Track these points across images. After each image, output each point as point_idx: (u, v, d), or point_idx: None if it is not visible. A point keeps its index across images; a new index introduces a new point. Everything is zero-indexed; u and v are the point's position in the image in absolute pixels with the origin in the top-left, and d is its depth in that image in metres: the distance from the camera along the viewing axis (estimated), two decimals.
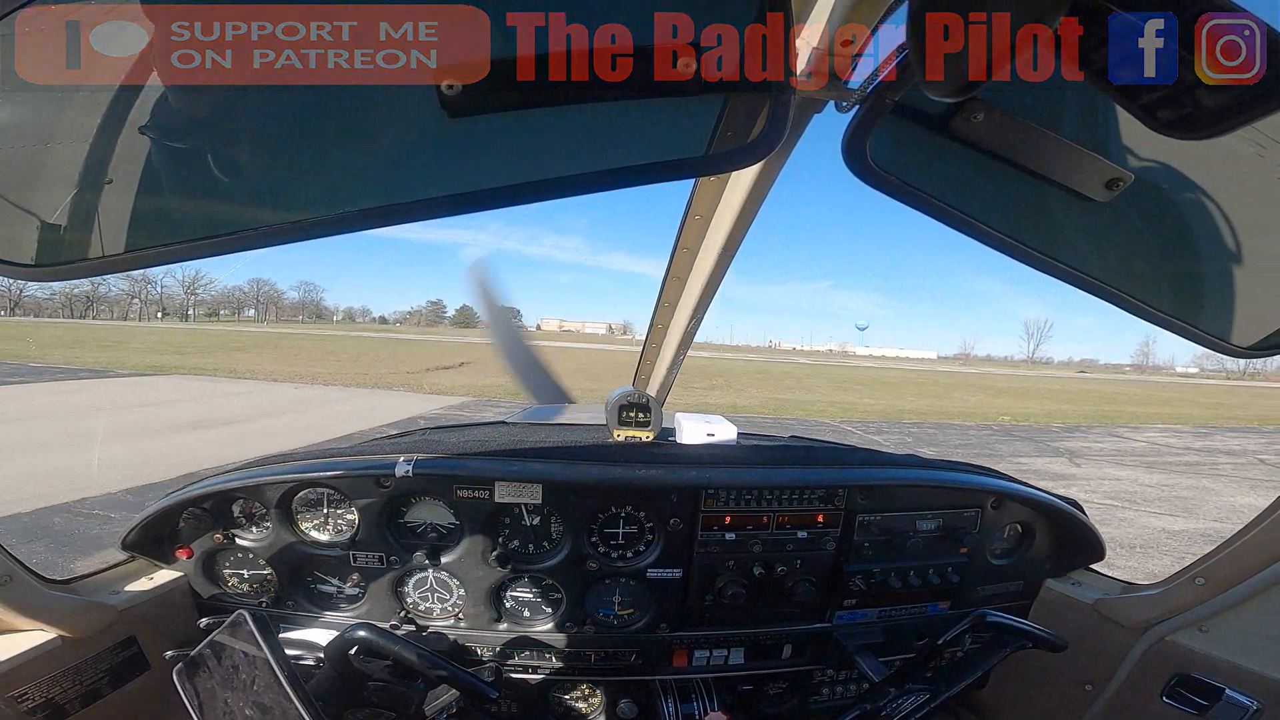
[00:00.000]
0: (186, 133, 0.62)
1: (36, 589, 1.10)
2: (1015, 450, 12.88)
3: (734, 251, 1.22)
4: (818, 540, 1.49)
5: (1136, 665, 1.45)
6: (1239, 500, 9.05)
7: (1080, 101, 0.68)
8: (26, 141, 0.60)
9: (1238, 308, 0.80)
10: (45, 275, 0.65)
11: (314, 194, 0.67)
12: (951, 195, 0.75)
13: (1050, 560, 1.67)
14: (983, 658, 1.42)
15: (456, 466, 1.39)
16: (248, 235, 0.65)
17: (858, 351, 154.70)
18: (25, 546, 4.50)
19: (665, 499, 1.44)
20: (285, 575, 1.48)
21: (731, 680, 1.63)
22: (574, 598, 1.50)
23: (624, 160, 0.67)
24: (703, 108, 0.64)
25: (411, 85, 0.60)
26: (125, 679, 1.28)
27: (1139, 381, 67.76)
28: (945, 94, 0.49)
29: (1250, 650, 1.28)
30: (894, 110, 0.68)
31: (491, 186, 0.66)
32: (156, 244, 0.65)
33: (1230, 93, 0.46)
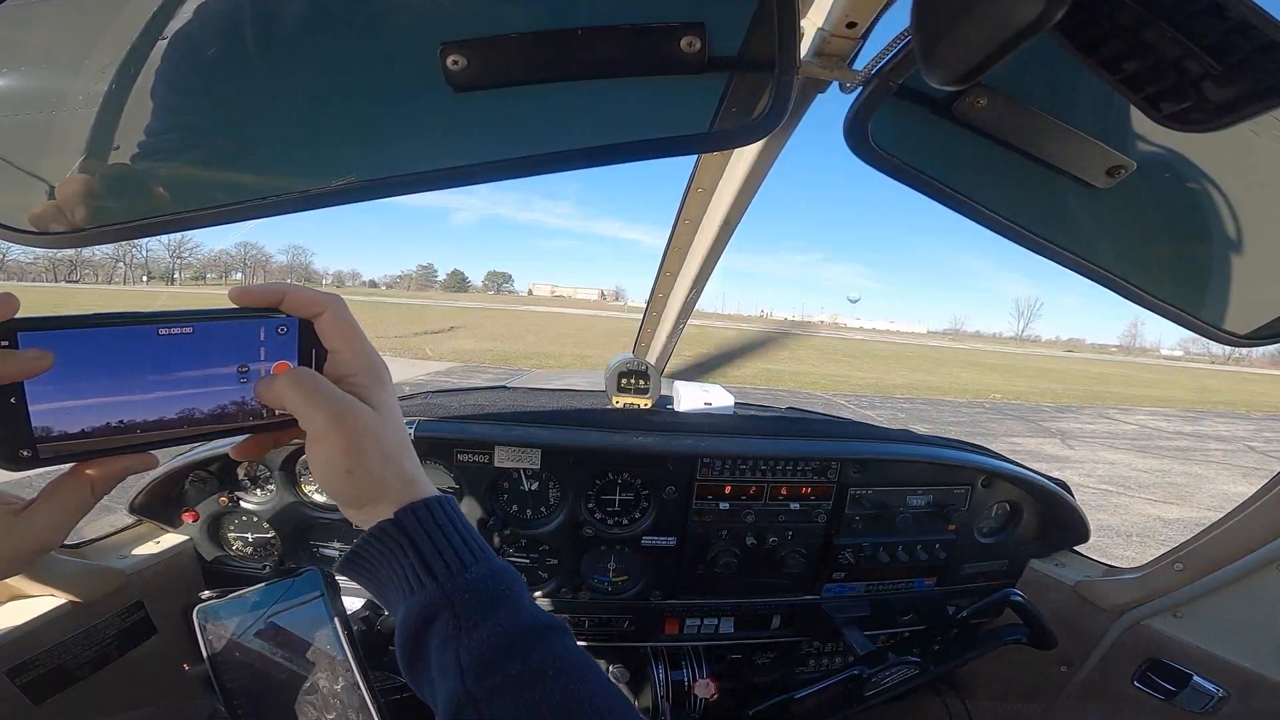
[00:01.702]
0: (192, 102, 0.62)
1: (46, 554, 1.12)
2: (1009, 429, 13.00)
3: (735, 225, 1.22)
4: (809, 512, 1.52)
5: (1111, 648, 1.48)
6: (1233, 489, 9.10)
7: (1084, 89, 0.68)
8: (33, 109, 0.60)
9: (1234, 296, 0.81)
10: (50, 242, 0.65)
11: (318, 165, 0.68)
12: (952, 178, 0.75)
13: (1036, 541, 1.69)
14: (979, 643, 1.48)
15: (458, 430, 1.41)
16: (252, 205, 0.66)
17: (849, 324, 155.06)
18: None
19: (662, 467, 1.47)
20: (288, 538, 1.50)
21: (721, 649, 1.67)
22: (569, 563, 1.53)
23: (627, 135, 0.67)
24: (706, 85, 0.64)
25: (416, 60, 0.60)
26: (133, 643, 1.30)
27: (1126, 363, 68.27)
28: (947, 81, 0.49)
29: (1223, 638, 1.31)
30: (897, 93, 0.69)
31: (495, 160, 0.67)
32: (161, 213, 0.66)
33: (1235, 87, 0.47)
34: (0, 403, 0.43)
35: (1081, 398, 21.83)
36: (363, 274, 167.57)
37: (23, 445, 0.45)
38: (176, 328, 0.48)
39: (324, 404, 0.51)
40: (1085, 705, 1.60)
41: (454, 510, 0.57)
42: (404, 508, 0.53)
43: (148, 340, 0.47)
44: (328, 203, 0.63)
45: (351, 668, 0.83)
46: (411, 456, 0.57)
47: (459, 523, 0.56)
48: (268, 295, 0.53)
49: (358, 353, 0.56)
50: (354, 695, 0.83)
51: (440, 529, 0.54)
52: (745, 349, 27.57)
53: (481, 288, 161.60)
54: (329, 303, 0.55)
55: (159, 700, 1.37)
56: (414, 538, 0.53)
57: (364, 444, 0.52)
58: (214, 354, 0.51)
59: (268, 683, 0.85)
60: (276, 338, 0.53)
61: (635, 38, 0.59)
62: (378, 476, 0.53)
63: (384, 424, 0.54)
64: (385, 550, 0.53)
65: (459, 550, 0.53)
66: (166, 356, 0.48)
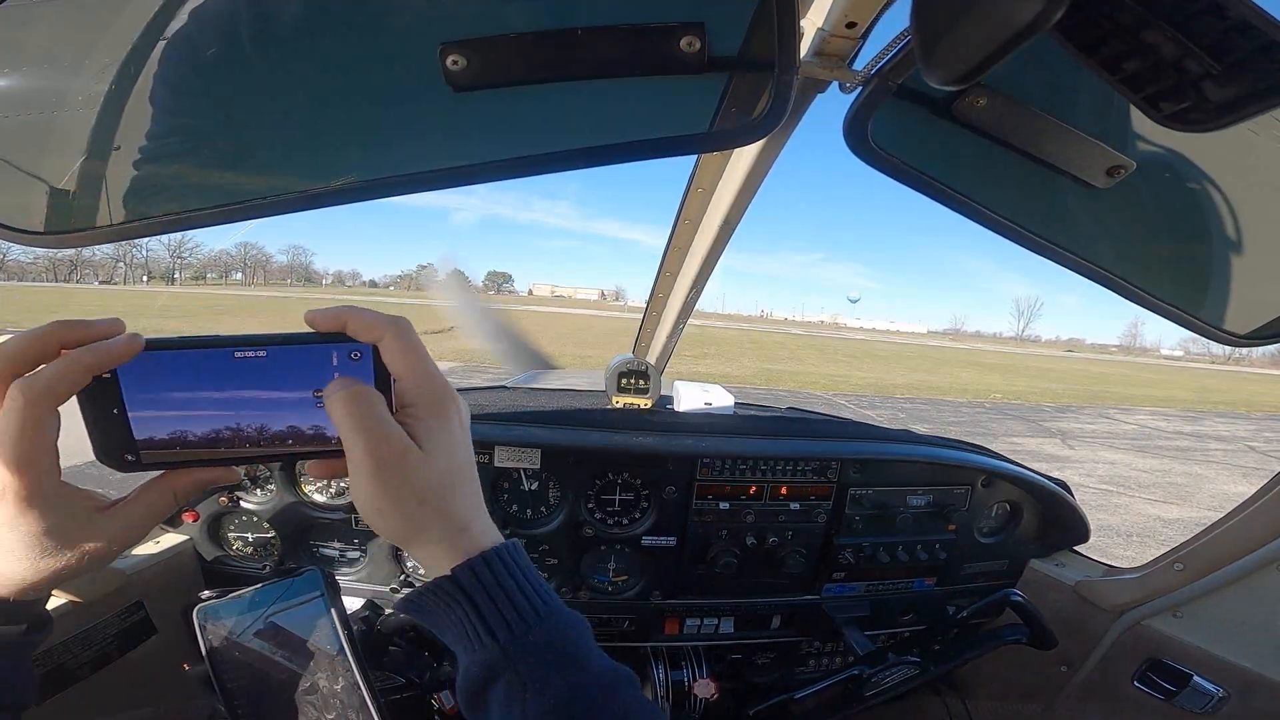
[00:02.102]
0: (192, 102, 0.62)
1: None
2: (1009, 429, 13.00)
3: (735, 225, 1.22)
4: (809, 512, 1.52)
5: (1111, 648, 1.48)
6: (1233, 489, 9.10)
7: (1084, 89, 0.68)
8: (33, 109, 0.60)
9: (1234, 295, 0.81)
10: (50, 242, 0.66)
11: (318, 165, 0.68)
12: (952, 178, 0.75)
13: (1036, 541, 1.69)
14: (979, 643, 1.48)
15: None
16: (253, 204, 0.66)
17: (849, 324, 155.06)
18: None
19: (662, 467, 1.46)
20: (288, 538, 1.50)
21: (721, 649, 1.67)
22: (569, 564, 1.53)
23: (627, 135, 0.67)
24: (706, 85, 0.64)
25: (416, 60, 0.60)
26: (133, 643, 1.30)
27: (1126, 363, 68.27)
28: (947, 81, 0.49)
29: (1223, 638, 1.31)
30: (897, 93, 0.69)
31: (495, 160, 0.67)
32: (162, 213, 0.66)
33: (1235, 87, 0.47)
34: (105, 412, 0.48)
35: (1081, 398, 21.84)
36: (363, 274, 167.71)
37: (127, 450, 0.50)
38: (251, 351, 0.50)
39: (362, 430, 0.49)
40: (1085, 705, 1.60)
41: (515, 560, 0.53)
42: (462, 565, 0.51)
43: (225, 363, 0.50)
44: (328, 203, 0.63)
45: (351, 667, 0.83)
46: (466, 498, 0.54)
47: (520, 575, 0.53)
48: (333, 320, 0.52)
49: (419, 380, 0.53)
50: (354, 695, 0.83)
51: (501, 585, 0.51)
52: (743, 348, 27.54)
53: (482, 288, 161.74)
54: (389, 326, 0.52)
55: (159, 700, 1.37)
56: (473, 596, 0.50)
57: (396, 483, 0.49)
58: (288, 378, 0.52)
59: (267, 682, 0.86)
60: (350, 363, 0.52)
61: (635, 38, 0.59)
62: (413, 520, 0.50)
63: (428, 463, 0.51)
64: (442, 604, 0.51)
65: (521, 609, 0.51)
66: (244, 378, 0.51)
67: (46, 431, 0.44)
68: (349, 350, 0.52)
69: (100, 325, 0.47)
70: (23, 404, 0.42)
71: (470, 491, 0.55)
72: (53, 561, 0.46)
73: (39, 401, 0.43)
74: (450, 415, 0.54)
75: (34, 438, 0.43)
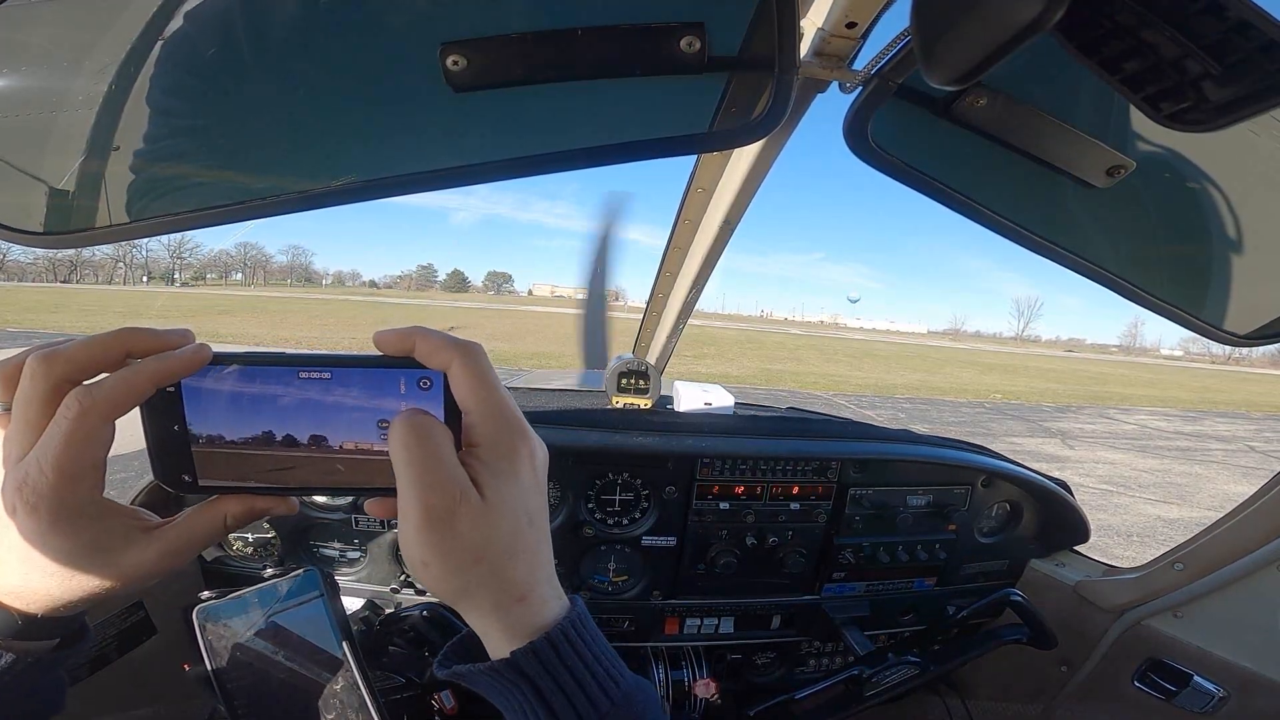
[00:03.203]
0: (192, 102, 0.62)
1: None
2: (1009, 430, 13.00)
3: (735, 225, 1.22)
4: (809, 512, 1.52)
5: (1111, 648, 1.48)
6: (1232, 489, 9.10)
7: (1084, 89, 0.68)
8: (33, 109, 0.60)
9: (1234, 295, 0.81)
10: (50, 242, 0.65)
11: (320, 165, 0.68)
12: (952, 178, 0.76)
13: (1036, 541, 1.69)
14: (978, 643, 1.48)
15: None
16: (253, 204, 0.66)
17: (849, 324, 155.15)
18: None
19: (662, 467, 1.46)
20: (288, 538, 1.50)
21: (721, 649, 1.67)
22: (569, 564, 1.53)
23: (626, 135, 0.67)
24: (706, 85, 0.65)
25: (416, 60, 0.60)
26: (133, 643, 1.30)
27: (1126, 362, 68.27)
28: (947, 81, 0.50)
29: (1223, 638, 1.31)
30: (897, 93, 0.69)
31: (495, 160, 0.67)
32: (162, 213, 0.66)
33: (1235, 87, 0.46)
34: (167, 428, 0.46)
35: (1082, 398, 21.85)
36: (363, 274, 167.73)
37: (185, 471, 0.47)
38: (316, 372, 0.47)
39: (415, 470, 0.43)
40: (1085, 705, 1.60)
41: (581, 636, 0.47)
42: (524, 649, 0.44)
43: (289, 381, 0.47)
44: (328, 203, 0.63)
45: (351, 667, 0.83)
46: (531, 563, 0.47)
47: (590, 655, 0.46)
48: (400, 340, 0.47)
49: (488, 416, 0.46)
50: (354, 695, 0.83)
51: (569, 669, 0.45)
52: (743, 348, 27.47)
53: (482, 288, 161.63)
54: (458, 352, 0.46)
55: (159, 700, 1.37)
56: (537, 683, 0.44)
57: (447, 538, 0.43)
58: (353, 403, 0.48)
59: (268, 682, 0.85)
60: (419, 391, 0.48)
61: (635, 38, 0.59)
62: (463, 581, 0.45)
63: (489, 518, 0.44)
64: (501, 687, 0.46)
65: (591, 694, 0.45)
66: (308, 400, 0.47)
67: (96, 445, 0.41)
68: (419, 377, 0.48)
69: (170, 335, 0.44)
70: (77, 412, 0.40)
71: (536, 550, 0.48)
72: (86, 581, 0.43)
73: (95, 410, 0.40)
74: (521, 460, 0.47)
75: (81, 450, 0.40)
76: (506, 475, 0.46)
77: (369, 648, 1.26)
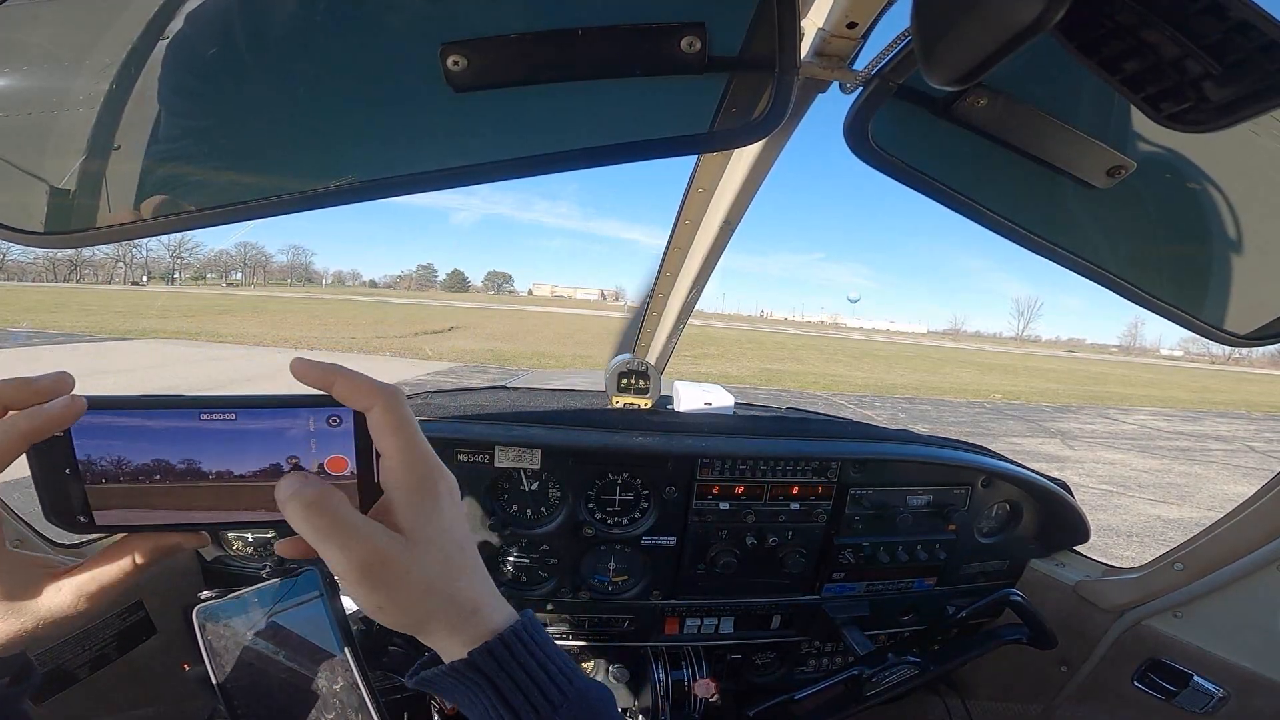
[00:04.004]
0: (192, 102, 0.62)
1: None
2: (1009, 430, 13.01)
3: (735, 225, 1.22)
4: (809, 512, 1.52)
5: (1111, 648, 1.48)
6: (1232, 489, 9.10)
7: (1084, 89, 0.68)
8: (33, 109, 0.60)
9: (1234, 296, 0.81)
10: (50, 242, 0.65)
11: (318, 165, 0.68)
12: (953, 178, 0.76)
13: (1036, 541, 1.69)
14: (978, 643, 1.48)
15: (457, 430, 1.40)
16: (252, 205, 0.66)
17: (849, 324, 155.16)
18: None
19: (662, 467, 1.46)
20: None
21: (721, 649, 1.67)
22: (569, 564, 1.53)
23: (626, 136, 0.67)
24: (707, 85, 0.64)
25: (416, 60, 0.60)
26: (133, 643, 1.30)
27: (1126, 363, 68.26)
28: (947, 81, 0.49)
29: (1223, 638, 1.31)
30: (897, 93, 0.69)
31: (495, 160, 0.67)
32: (162, 213, 0.66)
33: (1235, 87, 0.46)
34: (56, 473, 0.46)
35: (1082, 397, 21.85)
36: (363, 274, 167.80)
37: (80, 513, 0.47)
38: (219, 414, 0.47)
39: (330, 537, 0.45)
40: (1085, 705, 1.60)
41: (533, 637, 0.51)
42: (479, 648, 0.48)
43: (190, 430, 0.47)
44: (328, 203, 0.63)
45: (351, 667, 0.83)
46: (472, 579, 0.51)
47: (541, 653, 0.50)
48: (320, 376, 0.48)
49: (406, 461, 0.49)
50: (353, 695, 0.83)
51: (522, 666, 0.48)
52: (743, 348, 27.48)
53: (482, 288, 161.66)
54: (380, 396, 0.48)
55: (159, 700, 1.37)
56: (494, 680, 0.47)
57: (388, 580, 0.46)
58: (260, 444, 0.48)
59: (268, 682, 0.85)
60: (329, 430, 0.49)
61: (635, 38, 0.59)
62: (416, 608, 0.48)
63: (416, 554, 0.47)
64: (463, 689, 0.49)
65: (545, 690, 0.48)
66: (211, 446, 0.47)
67: None
68: (328, 415, 0.49)
69: (43, 383, 0.44)
70: None
71: (474, 570, 0.52)
72: (5, 626, 0.45)
73: None
74: (441, 496, 0.51)
75: None
76: (430, 511, 0.49)
77: (369, 648, 1.26)
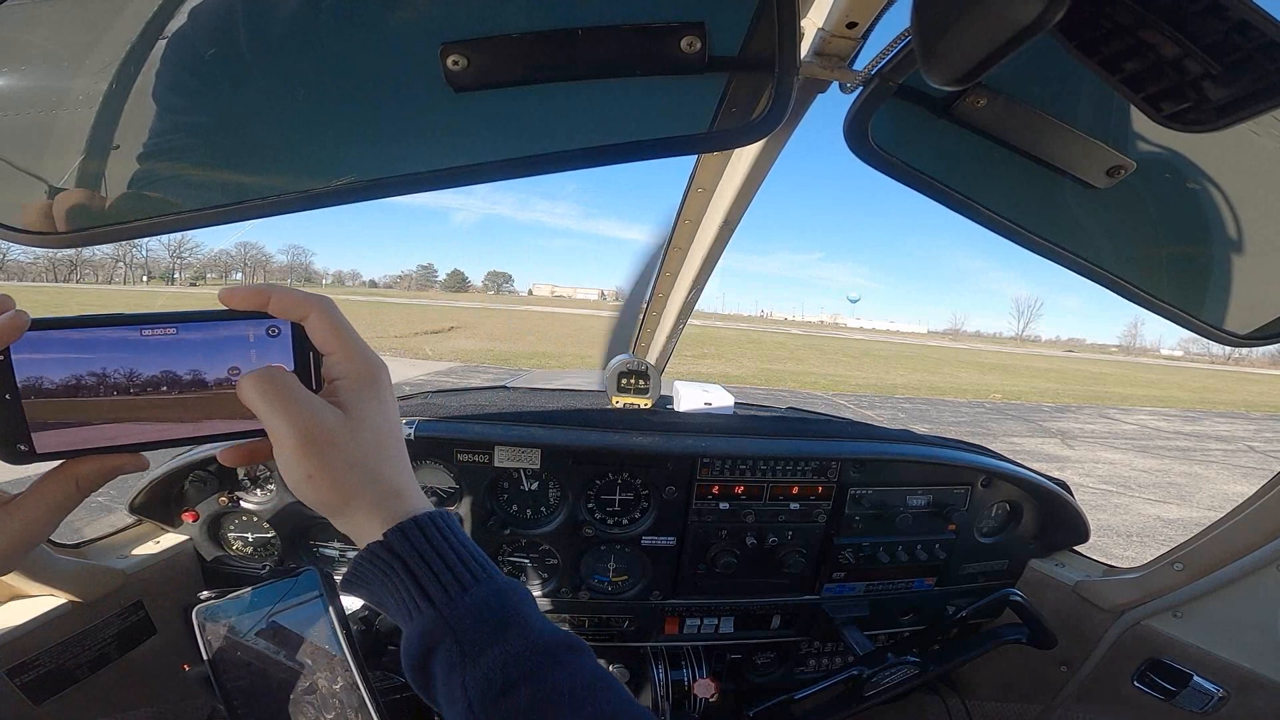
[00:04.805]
0: (192, 102, 0.62)
1: (46, 553, 1.12)
2: (1008, 430, 12.98)
3: (735, 225, 1.23)
4: (809, 512, 1.52)
5: (1111, 648, 1.48)
6: (1232, 489, 9.07)
7: (1084, 89, 0.68)
8: (33, 109, 0.60)
9: (1234, 296, 0.81)
10: (50, 242, 0.65)
11: (318, 165, 0.68)
12: (952, 178, 0.76)
13: (1036, 541, 1.69)
14: (978, 643, 1.48)
15: (457, 430, 1.40)
16: (252, 205, 0.66)
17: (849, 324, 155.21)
18: None
19: (661, 467, 1.46)
20: (288, 538, 1.50)
21: (721, 649, 1.67)
22: (569, 564, 1.53)
23: (626, 136, 0.67)
24: (706, 85, 0.65)
25: (416, 60, 0.60)
26: (133, 643, 1.30)
27: (1126, 363, 68.25)
28: (947, 81, 0.49)
29: (1223, 638, 1.31)
30: (897, 93, 0.69)
31: (495, 160, 0.67)
32: (161, 213, 0.66)
33: (1235, 87, 0.46)
34: None
35: (1081, 397, 21.84)
36: (363, 274, 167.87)
37: (19, 440, 0.46)
38: (159, 329, 0.48)
39: (279, 406, 0.48)
40: (1085, 705, 1.60)
41: (449, 526, 0.53)
42: (393, 528, 0.50)
43: (132, 341, 0.47)
44: (328, 203, 0.63)
45: (350, 667, 0.83)
46: (397, 465, 0.54)
47: (455, 540, 0.52)
48: (253, 298, 0.51)
49: (349, 355, 0.53)
50: (353, 695, 0.83)
51: (435, 548, 0.51)
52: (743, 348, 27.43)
53: (481, 288, 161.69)
54: (315, 304, 0.52)
55: (159, 700, 1.37)
56: (406, 560, 0.50)
57: (324, 450, 0.49)
58: (201, 356, 0.50)
59: (267, 682, 0.86)
60: (268, 340, 0.52)
61: (635, 38, 0.59)
62: (343, 484, 0.50)
63: (354, 429, 0.51)
64: (379, 572, 0.50)
65: (457, 572, 0.50)
66: (153, 358, 0.48)
67: None
68: (267, 327, 0.51)
69: None
70: None
71: (401, 459, 0.55)
72: None
73: None
74: (382, 384, 0.55)
75: None
76: (370, 397, 0.53)
77: (369, 648, 1.26)
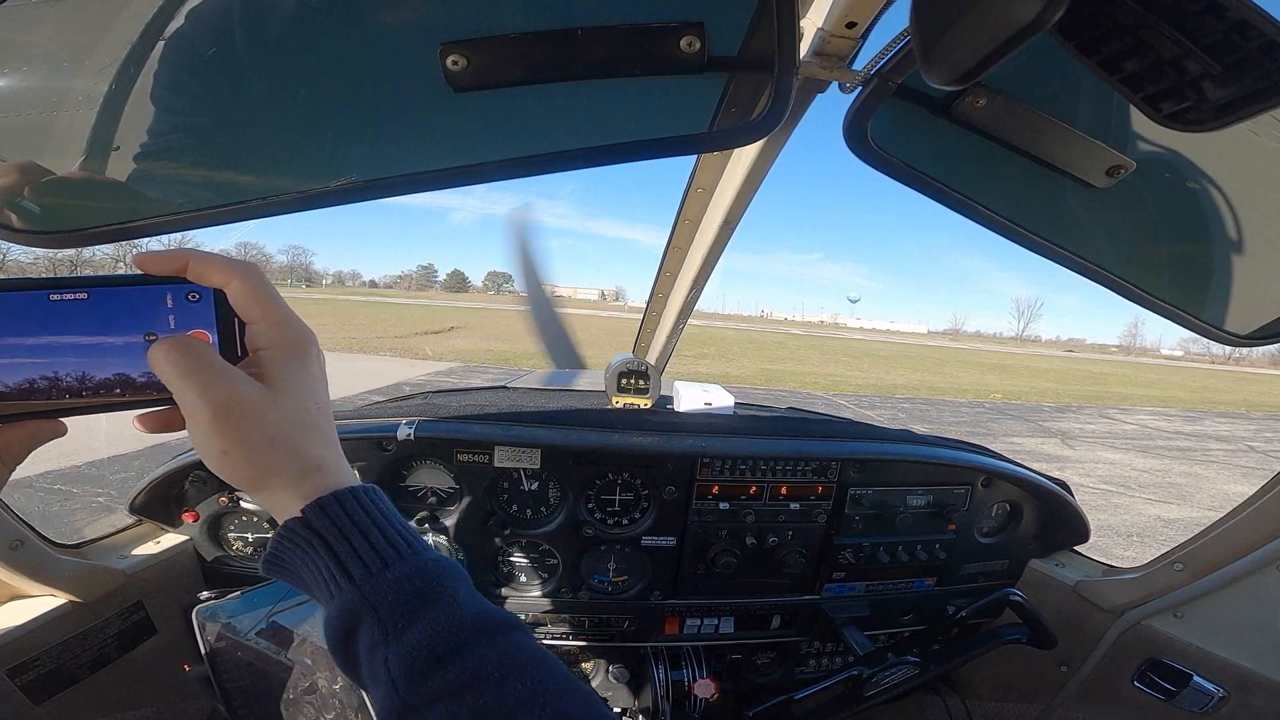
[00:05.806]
0: (192, 102, 0.62)
1: (47, 554, 1.12)
2: (1009, 430, 12.98)
3: (735, 225, 1.22)
4: (809, 512, 1.52)
5: (1111, 648, 1.48)
6: (1232, 489, 9.07)
7: (1084, 89, 0.68)
8: (33, 109, 0.60)
9: (1234, 295, 0.81)
10: (50, 242, 0.65)
11: (318, 165, 0.68)
12: (952, 178, 0.76)
13: (1036, 541, 1.69)
14: (978, 643, 1.48)
15: (457, 430, 1.40)
16: (252, 205, 0.66)
17: (849, 324, 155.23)
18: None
19: (661, 467, 1.46)
20: None
21: (721, 649, 1.67)
22: (569, 564, 1.53)
23: (626, 135, 0.67)
24: (706, 85, 0.64)
25: (416, 60, 0.60)
26: (133, 643, 1.30)
27: (1126, 363, 68.21)
28: (947, 81, 0.49)
29: (1223, 638, 1.31)
30: (897, 93, 0.69)
31: (495, 160, 0.67)
32: (162, 213, 0.66)
33: (1235, 87, 0.46)
34: None
35: (1082, 397, 21.83)
36: (363, 274, 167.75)
37: None
38: (70, 293, 0.46)
39: (191, 377, 0.45)
40: (1085, 705, 1.60)
41: (373, 500, 0.51)
42: (311, 503, 0.48)
43: (38, 306, 0.45)
44: (328, 203, 0.63)
45: None
46: (322, 439, 0.51)
47: (380, 515, 0.50)
48: (170, 261, 0.48)
49: (274, 324, 0.50)
50: (353, 695, 0.83)
51: (356, 524, 0.48)
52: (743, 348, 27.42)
53: (482, 288, 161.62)
54: (237, 270, 0.49)
55: (159, 700, 1.37)
56: (326, 537, 0.47)
57: (240, 424, 0.46)
58: (115, 321, 0.48)
59: (267, 682, 0.86)
60: (188, 305, 0.49)
61: (635, 38, 0.59)
62: (261, 460, 0.47)
63: (275, 402, 0.48)
64: (299, 550, 0.48)
65: (379, 547, 0.48)
66: (63, 323, 0.46)
67: None
68: (186, 292, 0.49)
69: None
70: None
71: (327, 433, 0.52)
72: None
73: None
74: (311, 356, 0.52)
75: None
76: (296, 369, 0.50)
77: None
